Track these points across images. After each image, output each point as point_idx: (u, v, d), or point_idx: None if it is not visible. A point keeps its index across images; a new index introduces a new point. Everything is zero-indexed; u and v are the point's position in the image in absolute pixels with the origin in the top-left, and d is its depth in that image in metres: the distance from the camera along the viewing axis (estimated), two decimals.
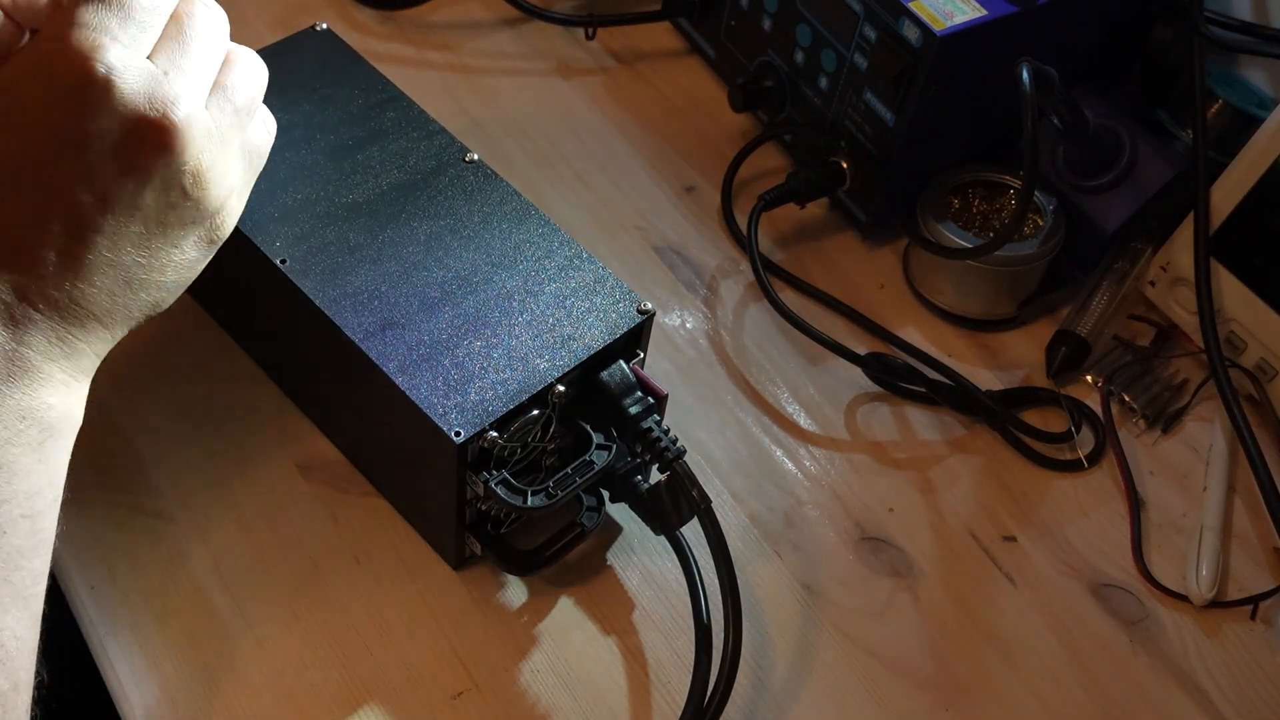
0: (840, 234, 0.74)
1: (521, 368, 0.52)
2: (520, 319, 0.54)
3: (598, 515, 0.57)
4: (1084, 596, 0.60)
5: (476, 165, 0.60)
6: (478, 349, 0.52)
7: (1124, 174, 0.68)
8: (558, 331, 0.53)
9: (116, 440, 0.60)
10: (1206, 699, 0.56)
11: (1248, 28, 0.71)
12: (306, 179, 0.58)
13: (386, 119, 0.61)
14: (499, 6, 0.84)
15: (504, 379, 0.52)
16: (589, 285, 0.55)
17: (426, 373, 0.51)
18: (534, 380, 0.52)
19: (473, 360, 0.52)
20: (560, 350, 0.53)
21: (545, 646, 0.55)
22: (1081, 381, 0.68)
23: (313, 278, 0.54)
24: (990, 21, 0.63)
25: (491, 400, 0.51)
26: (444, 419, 0.50)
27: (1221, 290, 0.65)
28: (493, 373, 0.52)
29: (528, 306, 0.54)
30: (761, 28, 0.74)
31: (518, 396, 0.51)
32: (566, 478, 0.53)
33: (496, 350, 0.53)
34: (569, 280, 0.55)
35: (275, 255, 0.55)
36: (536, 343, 0.53)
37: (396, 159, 0.59)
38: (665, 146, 0.78)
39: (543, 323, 0.54)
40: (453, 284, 0.55)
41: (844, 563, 0.60)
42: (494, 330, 0.53)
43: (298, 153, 0.59)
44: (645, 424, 0.53)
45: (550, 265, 0.56)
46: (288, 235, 0.55)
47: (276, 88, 0.60)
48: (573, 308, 0.54)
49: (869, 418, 0.66)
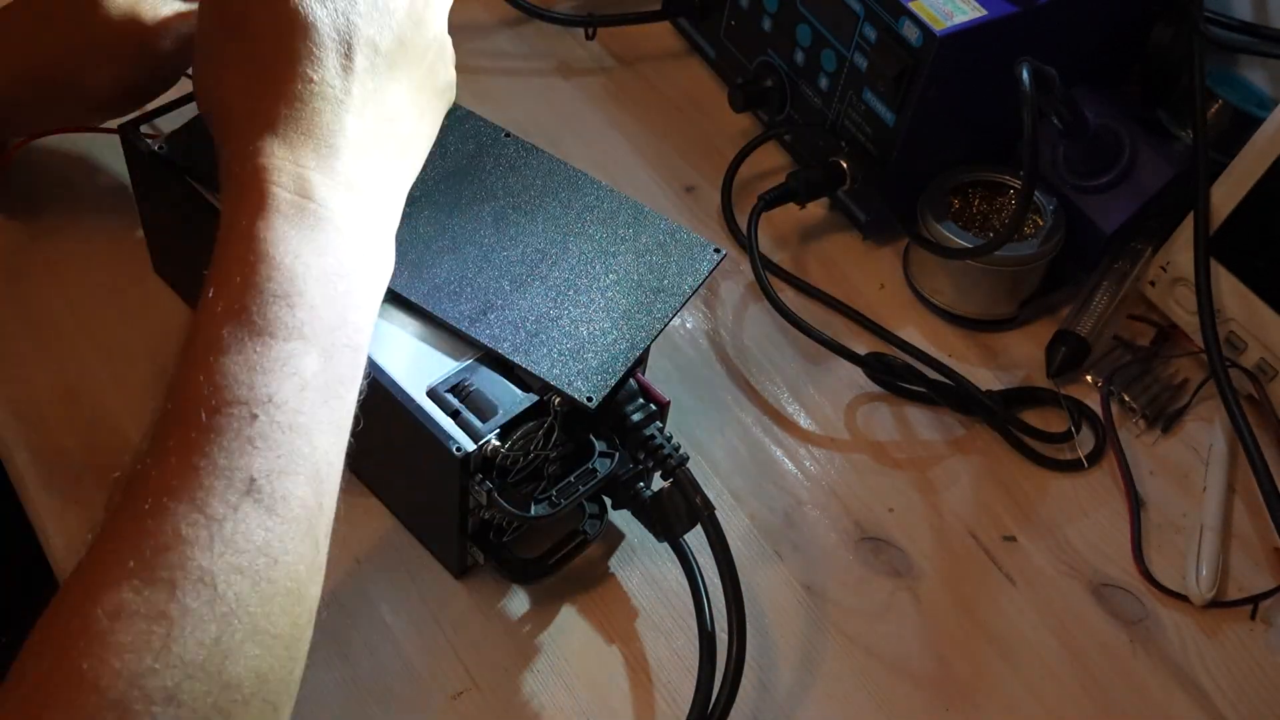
0: (840, 234, 0.74)
1: (626, 324, 0.54)
2: (608, 279, 0.55)
3: (600, 523, 0.57)
4: (1084, 596, 0.60)
5: (515, 140, 0.61)
6: (579, 316, 0.54)
7: (1124, 174, 0.68)
8: (646, 285, 0.55)
9: (116, 440, 0.60)
10: (1206, 699, 0.56)
11: (1248, 28, 0.71)
12: None
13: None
14: (499, 6, 0.84)
15: (613, 339, 0.53)
16: (660, 239, 0.57)
17: (541, 348, 0.53)
18: (642, 333, 0.53)
19: (578, 327, 0.53)
20: (655, 302, 0.55)
21: (546, 647, 0.55)
22: (1081, 381, 0.68)
23: (400, 277, 0.53)
24: (990, 21, 0.63)
25: (610, 360, 0.52)
26: (572, 386, 0.51)
27: (1221, 290, 0.65)
28: (601, 335, 0.53)
29: (611, 267, 0.56)
30: (761, 28, 0.74)
31: (633, 351, 0.53)
32: (569, 486, 0.52)
33: (597, 314, 0.54)
34: (640, 238, 0.57)
35: None
36: (630, 300, 0.55)
37: (437, 149, 0.58)
38: (665, 146, 0.78)
39: (630, 280, 0.55)
40: (534, 258, 0.56)
41: (844, 563, 0.60)
42: (588, 295, 0.55)
43: None
44: (647, 431, 0.53)
45: (618, 226, 0.57)
46: None
47: None
48: (653, 262, 0.56)
49: (869, 418, 0.66)
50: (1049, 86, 0.61)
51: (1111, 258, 0.70)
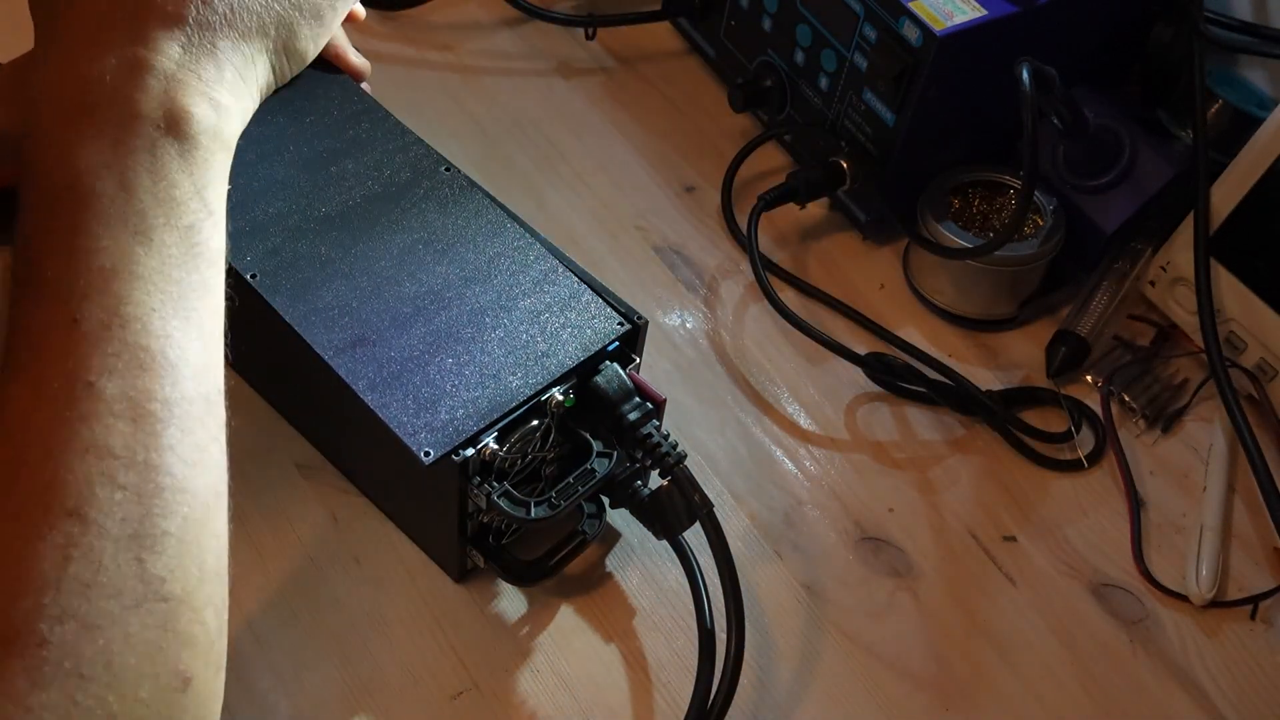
0: (840, 234, 0.74)
1: (493, 385, 0.51)
2: (493, 335, 0.53)
3: (599, 523, 0.57)
4: (1084, 596, 0.60)
5: (453, 175, 0.58)
6: (449, 366, 0.51)
7: (1124, 174, 0.68)
8: (531, 348, 0.52)
9: None
10: (1206, 699, 0.56)
11: (1248, 28, 0.71)
12: (279, 192, 0.56)
13: (361, 130, 0.60)
14: (499, 6, 0.84)
15: (475, 397, 0.50)
16: (564, 301, 0.54)
17: (397, 390, 0.50)
18: (505, 398, 0.51)
19: (444, 378, 0.51)
20: (533, 367, 0.52)
21: (545, 647, 0.55)
22: (1081, 381, 0.68)
23: (283, 293, 0.53)
24: (990, 21, 0.63)
25: (462, 419, 0.50)
26: (413, 438, 0.49)
27: (1221, 290, 0.65)
28: (464, 391, 0.51)
29: (501, 322, 0.53)
30: (761, 28, 0.74)
31: (488, 415, 0.50)
32: (569, 487, 0.52)
33: (468, 367, 0.51)
34: (544, 295, 0.54)
35: (246, 269, 0.53)
36: (509, 360, 0.52)
37: (371, 171, 0.58)
38: (665, 146, 0.78)
39: (516, 339, 0.53)
40: (425, 299, 0.53)
41: (844, 563, 0.60)
42: (466, 347, 0.52)
43: (271, 166, 0.58)
44: (644, 430, 0.53)
45: (525, 280, 0.55)
46: (259, 249, 0.54)
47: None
48: (547, 324, 0.53)
49: (869, 418, 0.66)
50: (1049, 86, 0.61)
51: (1111, 258, 0.70)
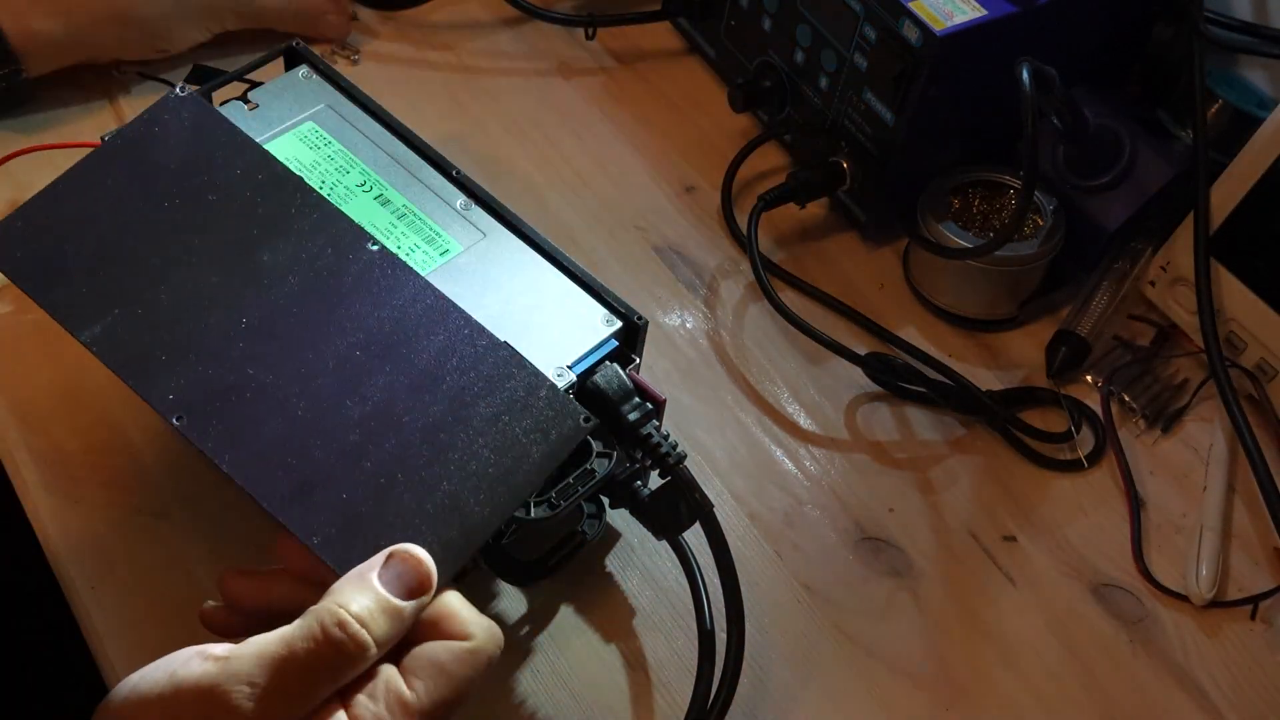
0: (840, 234, 0.74)
1: (459, 521, 0.46)
2: (451, 456, 0.47)
3: (599, 523, 0.57)
4: (1084, 596, 0.60)
5: (381, 255, 0.52)
6: (409, 504, 0.46)
7: (1124, 174, 0.68)
8: (495, 467, 0.47)
9: (116, 440, 0.60)
10: (1206, 699, 0.56)
11: (1248, 28, 0.71)
12: (194, 302, 0.50)
13: (275, 204, 0.53)
14: (499, 6, 0.84)
15: (440, 539, 0.45)
16: (522, 398, 0.49)
17: (356, 542, 0.45)
18: (473, 536, 0.46)
19: (405, 519, 0.46)
20: (498, 490, 0.47)
21: (545, 647, 0.55)
22: (1081, 381, 0.68)
23: (214, 436, 0.47)
24: (990, 21, 0.63)
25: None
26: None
27: (1221, 290, 0.65)
28: (428, 533, 0.45)
29: (457, 439, 0.47)
30: (761, 28, 0.74)
31: (457, 561, 0.45)
32: (568, 487, 0.52)
33: (428, 503, 0.46)
34: (500, 392, 0.49)
35: (169, 412, 0.47)
36: (470, 485, 0.47)
37: (290, 259, 0.51)
38: (665, 146, 0.78)
39: (476, 457, 0.47)
40: (371, 420, 0.47)
41: (844, 563, 0.60)
42: (423, 476, 0.47)
43: (181, 270, 0.50)
44: (644, 430, 0.53)
45: (477, 377, 0.49)
46: (180, 381, 0.48)
47: (141, 184, 0.53)
48: (507, 430, 0.48)
49: (869, 418, 0.66)
50: (1049, 86, 0.61)
51: (1111, 258, 0.70)
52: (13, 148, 0.68)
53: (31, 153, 0.68)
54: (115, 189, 0.53)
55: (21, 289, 0.51)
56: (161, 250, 0.51)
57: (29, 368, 0.62)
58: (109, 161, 0.54)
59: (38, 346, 0.63)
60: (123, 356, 0.48)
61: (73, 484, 0.58)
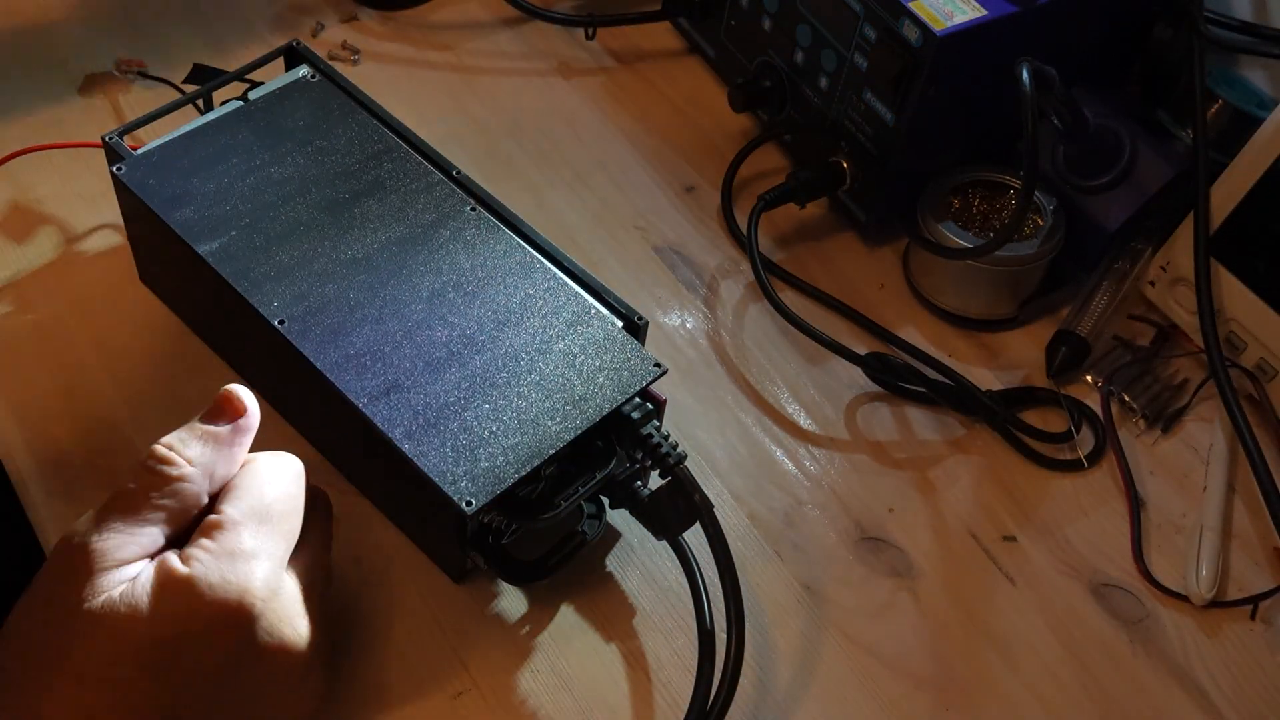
0: (840, 234, 0.74)
1: (532, 431, 0.51)
2: (529, 379, 0.52)
3: (599, 524, 0.57)
4: (1084, 596, 0.60)
5: (479, 215, 0.58)
6: (486, 412, 0.51)
7: (1124, 174, 0.68)
8: (568, 391, 0.52)
9: (117, 440, 0.60)
10: (1206, 699, 0.56)
11: (1248, 28, 0.71)
12: (303, 235, 0.56)
13: (384, 170, 0.60)
14: (499, 6, 0.84)
15: (514, 444, 0.50)
16: (599, 342, 0.54)
17: (435, 438, 0.50)
18: (545, 444, 0.50)
19: (482, 424, 0.51)
20: (571, 411, 0.51)
21: (545, 647, 0.55)
22: (1081, 381, 0.68)
23: (313, 339, 0.52)
24: (990, 21, 0.63)
25: (502, 467, 0.50)
26: (454, 487, 0.49)
27: (1221, 290, 0.65)
28: (503, 437, 0.50)
29: (536, 366, 0.53)
30: (761, 28, 0.74)
31: (529, 462, 0.50)
32: (568, 488, 0.52)
33: (506, 413, 0.51)
34: (578, 337, 0.54)
35: (273, 316, 0.53)
36: (547, 404, 0.51)
37: (396, 212, 0.58)
38: (665, 146, 0.78)
39: (552, 382, 0.52)
40: (458, 343, 0.53)
41: (844, 563, 0.60)
42: (502, 392, 0.52)
43: (294, 208, 0.57)
44: (645, 430, 0.53)
45: (558, 322, 0.54)
46: (285, 294, 0.54)
47: (270, 140, 0.60)
48: (583, 366, 0.53)
49: (869, 418, 0.66)
50: (1049, 86, 0.61)
51: (1111, 257, 0.70)
52: (13, 148, 0.68)
53: (31, 153, 0.68)
54: (244, 140, 0.60)
55: (151, 208, 0.57)
56: (278, 191, 0.57)
57: (29, 368, 0.62)
58: (242, 119, 0.61)
59: (38, 347, 0.63)
60: (235, 268, 0.55)
61: (73, 484, 0.58)
